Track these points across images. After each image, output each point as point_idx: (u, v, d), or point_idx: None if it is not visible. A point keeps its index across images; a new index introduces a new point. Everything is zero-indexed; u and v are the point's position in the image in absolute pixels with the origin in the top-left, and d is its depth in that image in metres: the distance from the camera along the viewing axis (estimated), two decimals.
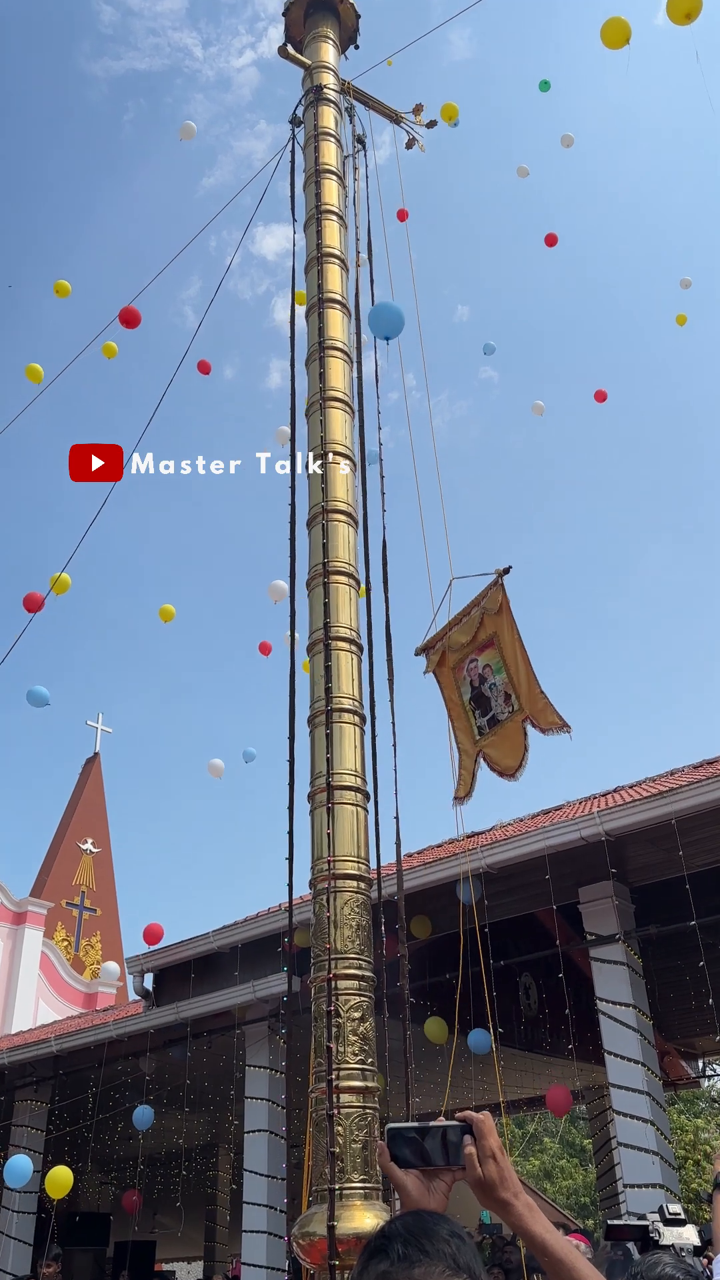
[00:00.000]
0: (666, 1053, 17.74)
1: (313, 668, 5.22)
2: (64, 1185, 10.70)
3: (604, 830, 9.61)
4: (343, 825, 4.55)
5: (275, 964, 11.90)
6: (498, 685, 6.18)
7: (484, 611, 6.17)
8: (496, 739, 6.15)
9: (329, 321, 6.09)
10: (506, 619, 6.06)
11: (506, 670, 6.11)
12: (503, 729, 6.11)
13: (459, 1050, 11.40)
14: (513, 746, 6.07)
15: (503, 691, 6.15)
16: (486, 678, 6.21)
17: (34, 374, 8.92)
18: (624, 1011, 10.35)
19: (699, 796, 9.22)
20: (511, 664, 6.06)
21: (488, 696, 6.20)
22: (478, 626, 6.20)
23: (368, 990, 4.39)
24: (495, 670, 6.18)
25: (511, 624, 6.05)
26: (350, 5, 6.75)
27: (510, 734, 6.07)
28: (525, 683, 6.01)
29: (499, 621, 6.10)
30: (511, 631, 6.04)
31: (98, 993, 25.60)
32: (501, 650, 6.10)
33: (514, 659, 6.04)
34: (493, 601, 6.14)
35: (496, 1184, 1.47)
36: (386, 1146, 1.50)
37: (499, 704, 6.16)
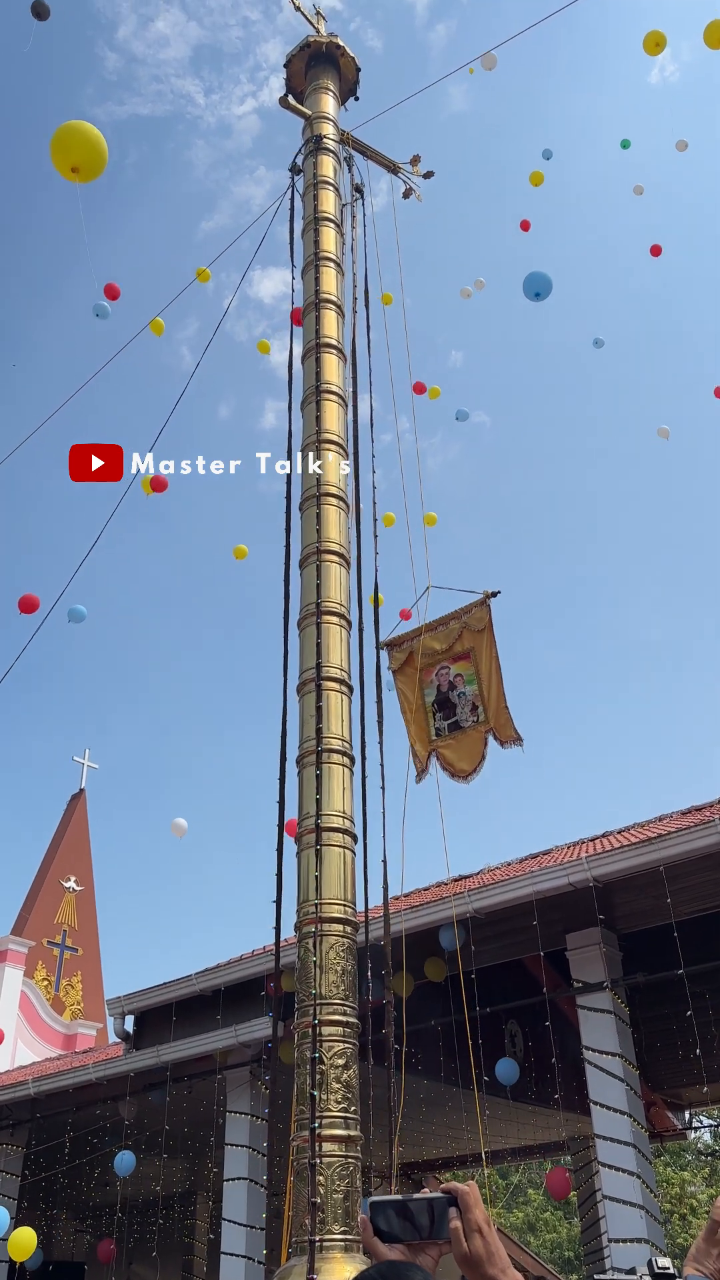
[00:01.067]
0: (653, 1103, 17.51)
1: (303, 707, 5.21)
2: (27, 1248, 10.45)
3: (592, 876, 9.55)
4: (330, 868, 4.52)
5: (259, 1008, 11.73)
6: (467, 695, 6.55)
7: (465, 626, 6.53)
8: (455, 743, 6.53)
9: (325, 365, 6.16)
10: (488, 638, 6.42)
11: (479, 684, 6.48)
12: (465, 735, 6.49)
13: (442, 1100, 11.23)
14: (471, 753, 6.48)
15: (470, 702, 6.52)
16: (457, 686, 6.56)
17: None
18: (610, 1061, 10.22)
19: (688, 844, 9.18)
20: (485, 679, 6.44)
21: (454, 703, 6.56)
22: (455, 638, 6.56)
23: (352, 1037, 4.33)
24: (467, 681, 6.54)
25: (492, 643, 6.41)
26: (351, 59, 6.90)
27: (471, 741, 6.47)
28: (495, 699, 6.42)
29: (480, 639, 6.47)
30: (491, 650, 6.40)
31: (77, 1034, 25.19)
32: (477, 665, 6.48)
33: (489, 675, 6.41)
34: (477, 620, 6.51)
35: (483, 1259, 1.41)
36: (369, 1220, 1.44)
37: (465, 712, 6.54)
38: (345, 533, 5.98)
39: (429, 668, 6.65)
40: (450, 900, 9.99)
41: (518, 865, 12.86)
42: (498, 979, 11.49)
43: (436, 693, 6.66)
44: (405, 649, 6.78)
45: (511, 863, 13.65)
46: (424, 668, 6.66)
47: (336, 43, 6.86)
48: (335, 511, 5.92)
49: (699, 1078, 15.95)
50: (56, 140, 5.89)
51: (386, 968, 4.88)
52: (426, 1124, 16.40)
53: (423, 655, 6.65)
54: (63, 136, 5.90)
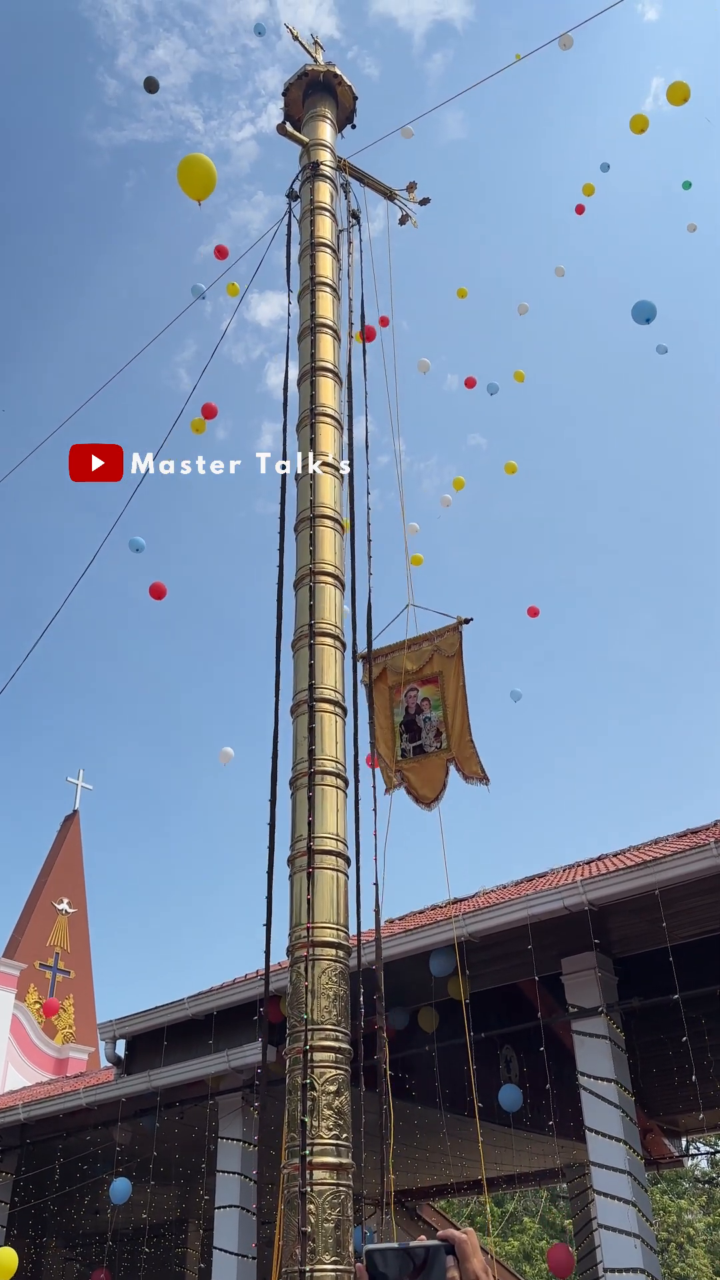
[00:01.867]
0: (649, 1130, 17.37)
1: (295, 729, 5.20)
2: (8, 1269, 10.33)
3: (588, 899, 9.51)
4: (322, 891, 4.49)
5: (251, 1033, 11.64)
6: (432, 720, 6.51)
7: (436, 650, 6.52)
8: (419, 767, 6.49)
9: (320, 389, 6.19)
10: (456, 665, 6.39)
11: (445, 711, 6.44)
12: (428, 760, 6.46)
13: (436, 1126, 11.14)
14: (433, 781, 6.44)
15: (435, 728, 6.48)
16: (424, 710, 6.52)
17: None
18: (606, 1087, 10.15)
19: (683, 867, 9.15)
20: (450, 707, 6.40)
21: (420, 727, 6.52)
22: (426, 661, 6.54)
23: (344, 1063, 4.30)
24: (433, 706, 6.51)
25: (459, 671, 6.38)
26: (348, 88, 6.98)
27: (433, 768, 6.44)
28: (459, 729, 6.37)
29: (449, 665, 6.44)
30: (458, 678, 6.37)
31: (69, 1058, 24.97)
32: (444, 692, 6.45)
33: (454, 704, 6.39)
34: (448, 645, 6.49)
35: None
36: (365, 1270, 1.40)
37: (429, 738, 6.49)
38: (339, 554, 6.00)
39: (399, 687, 6.62)
40: (444, 924, 9.94)
41: (513, 888, 12.81)
42: (492, 1004, 11.44)
43: (405, 714, 6.62)
44: (380, 663, 6.76)
45: (507, 885, 13.60)
46: (394, 686, 6.64)
47: (334, 71, 6.93)
48: (329, 533, 5.94)
49: (695, 1104, 15.83)
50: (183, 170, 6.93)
51: (379, 993, 4.84)
52: (421, 1151, 16.25)
53: (394, 673, 6.64)
54: (186, 168, 6.91)
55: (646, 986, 10.68)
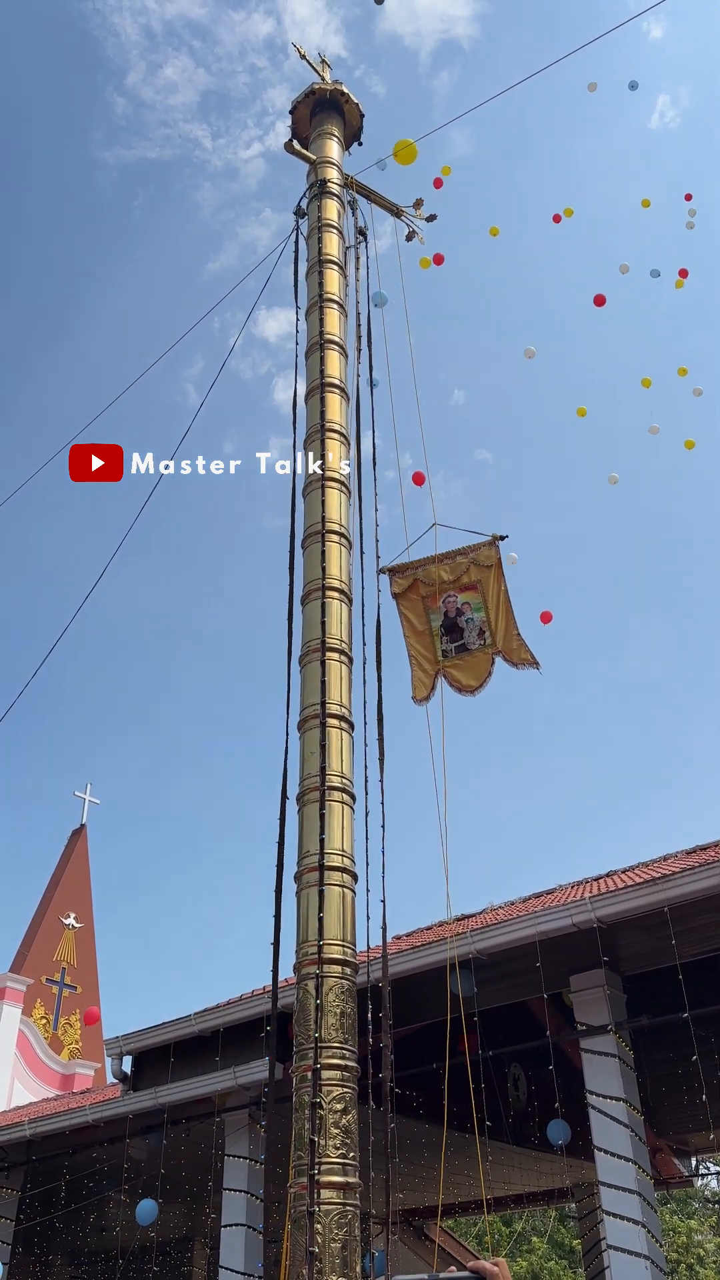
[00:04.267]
0: (658, 1149, 17.23)
1: (304, 744, 5.19)
2: None
3: (596, 916, 9.46)
4: (331, 908, 4.48)
5: (258, 1049, 11.59)
6: (474, 621, 6.83)
7: (473, 562, 6.78)
8: (463, 663, 6.79)
9: (329, 405, 6.22)
10: (496, 573, 6.73)
11: (487, 612, 6.77)
12: (472, 657, 6.77)
13: (444, 1145, 11.05)
14: (478, 671, 6.75)
15: (478, 627, 6.80)
16: (464, 612, 6.84)
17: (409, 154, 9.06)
18: (614, 1106, 10.07)
19: (693, 884, 9.11)
20: (493, 608, 6.74)
21: (462, 628, 6.84)
22: (463, 571, 6.82)
23: (351, 1081, 4.27)
24: (475, 609, 6.82)
25: (500, 578, 6.72)
26: (355, 105, 7.02)
27: (479, 662, 6.75)
28: (504, 625, 6.72)
29: (487, 574, 6.76)
30: (499, 584, 6.72)
31: (75, 1074, 24.87)
32: (485, 596, 6.77)
33: (496, 605, 6.73)
34: (486, 557, 6.77)
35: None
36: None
37: (472, 636, 6.81)
38: (347, 569, 6.01)
39: (434, 595, 6.87)
40: (452, 941, 9.90)
41: (521, 905, 12.75)
42: (500, 1021, 11.37)
43: (444, 618, 6.88)
44: (409, 575, 6.96)
45: (515, 902, 13.54)
46: (429, 595, 6.88)
47: (341, 89, 6.98)
48: (338, 548, 5.95)
49: (705, 1123, 15.71)
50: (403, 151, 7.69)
51: (384, 1010, 4.81)
52: (429, 1169, 16.14)
53: (427, 584, 6.87)
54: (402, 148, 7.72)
55: (655, 1004, 10.60)
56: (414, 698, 6.85)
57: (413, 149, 8.54)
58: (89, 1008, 26.14)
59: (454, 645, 6.88)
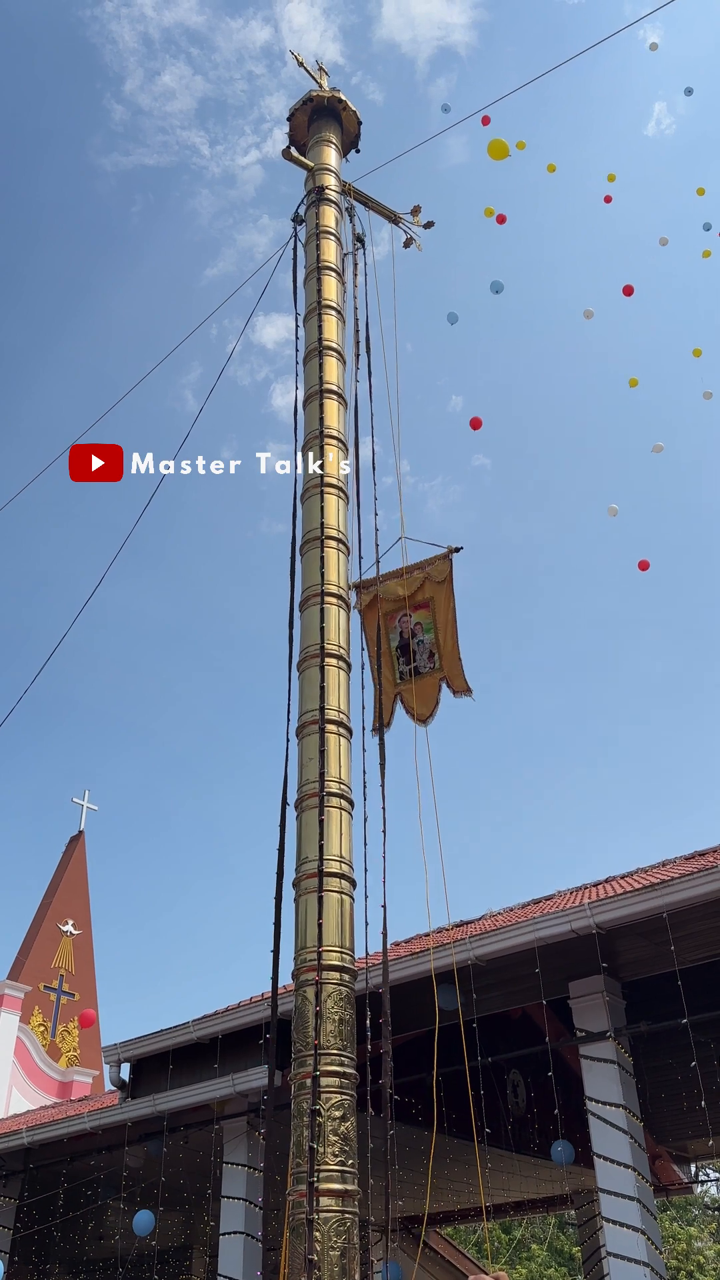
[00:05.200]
0: (658, 1156, 17.19)
1: (303, 750, 5.19)
2: None
3: (595, 922, 9.44)
4: (329, 914, 4.47)
5: (256, 1056, 11.56)
6: (425, 643, 6.88)
7: (428, 578, 6.83)
8: (415, 688, 6.83)
9: (327, 411, 6.24)
10: (446, 590, 6.75)
11: (436, 632, 6.80)
12: (422, 680, 6.81)
13: (443, 1151, 11.03)
14: (427, 698, 6.78)
15: (429, 649, 6.85)
16: (417, 634, 6.91)
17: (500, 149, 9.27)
18: (614, 1112, 10.04)
19: (692, 889, 9.09)
20: (442, 629, 6.76)
21: (414, 650, 6.90)
22: (417, 587, 6.87)
23: (350, 1088, 4.26)
24: (425, 629, 6.88)
25: (450, 595, 6.74)
26: (353, 113, 7.05)
27: (428, 687, 6.79)
28: (449, 648, 6.72)
29: (440, 590, 6.79)
30: (448, 602, 6.74)
31: (73, 1081, 24.80)
32: (435, 615, 6.81)
33: (445, 625, 6.75)
34: (439, 572, 6.79)
35: None
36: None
37: (423, 659, 6.86)
38: (345, 576, 6.02)
39: (392, 614, 6.95)
40: (451, 947, 9.88)
41: (520, 911, 12.73)
42: (499, 1027, 11.35)
43: (399, 638, 6.96)
44: (370, 592, 7.03)
45: (514, 908, 13.51)
46: (387, 613, 6.95)
47: (339, 97, 7.00)
48: (336, 554, 5.97)
49: (705, 1130, 15.65)
50: None
51: (384, 1016, 4.80)
52: (427, 1176, 16.09)
53: (387, 601, 6.93)
54: None
55: (654, 1010, 10.58)
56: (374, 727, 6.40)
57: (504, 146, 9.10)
58: (84, 1010, 26.06)
59: (408, 668, 6.87)
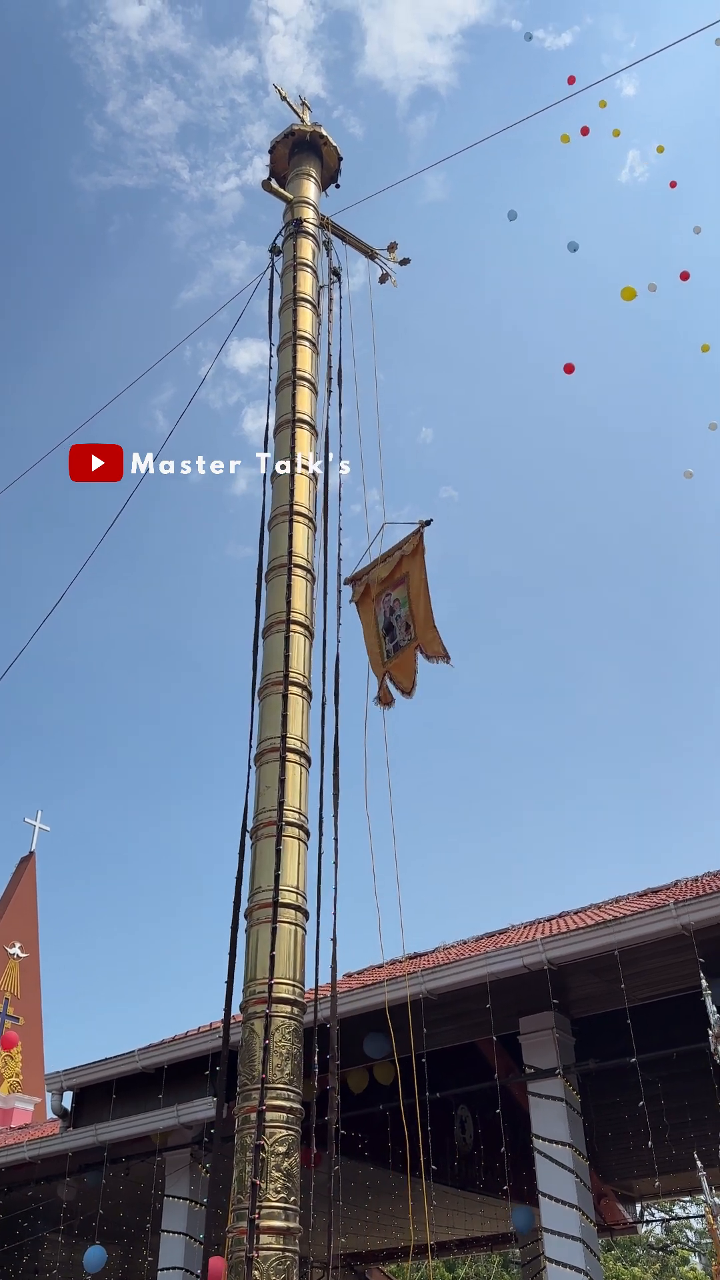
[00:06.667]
0: (603, 1195, 17.13)
1: (261, 778, 5.17)
2: None
3: (547, 958, 9.46)
4: (281, 946, 4.44)
5: (202, 1088, 11.39)
6: (401, 616, 7.03)
7: (403, 554, 6.96)
8: (398, 662, 6.97)
9: (298, 439, 6.28)
10: (419, 561, 6.86)
11: (410, 604, 6.92)
12: (402, 654, 6.95)
13: (388, 1187, 10.92)
14: (408, 670, 6.89)
15: (404, 622, 6.99)
16: (395, 610, 7.07)
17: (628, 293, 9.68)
18: (560, 1151, 10.01)
19: (643, 927, 9.13)
20: (414, 599, 6.88)
21: (394, 626, 7.06)
22: (396, 565, 7.02)
23: (295, 1123, 4.22)
24: (402, 604, 7.03)
25: (422, 565, 6.86)
26: (333, 148, 7.14)
27: (407, 659, 6.91)
28: (422, 616, 6.83)
29: (412, 562, 6.90)
30: (420, 572, 6.85)
31: (14, 1109, 24.26)
32: (409, 587, 6.92)
33: (417, 595, 6.86)
34: (410, 545, 6.92)
35: None
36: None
37: (401, 632, 7.01)
38: (311, 604, 6.03)
39: (379, 598, 7.12)
40: (403, 980, 9.83)
41: (473, 944, 12.71)
42: (448, 1062, 11.28)
43: (384, 619, 7.12)
44: (362, 582, 7.19)
45: (467, 941, 13.49)
46: (376, 598, 7.13)
47: (320, 132, 7.10)
48: (302, 582, 5.98)
49: (650, 1169, 15.65)
50: None
51: (333, 1052, 4.76)
52: (372, 1212, 15.91)
53: (374, 585, 7.10)
54: None
55: (603, 1048, 10.59)
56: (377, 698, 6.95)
57: (633, 291, 9.70)
58: (7, 1033, 25.48)
59: (392, 645, 7.05)
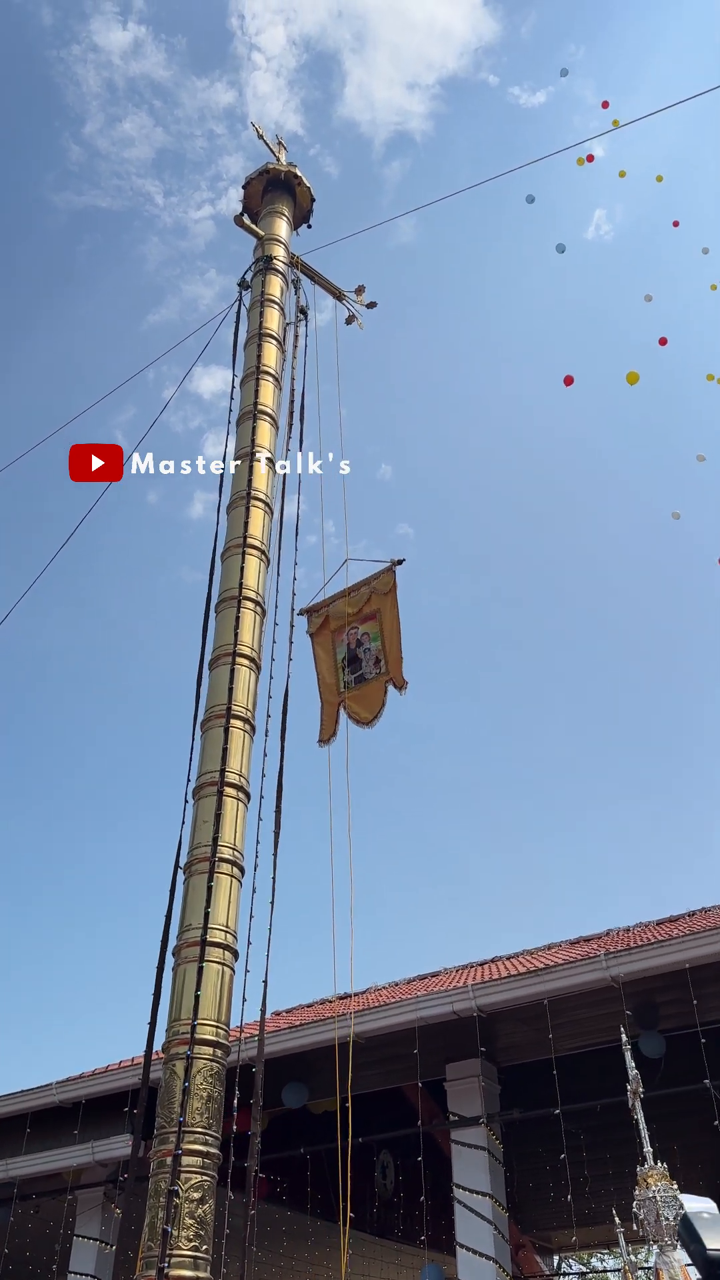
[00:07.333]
0: (522, 1245, 16.98)
1: (198, 812, 5.10)
2: None
3: (477, 1005, 9.42)
4: (208, 986, 4.36)
5: (119, 1125, 11.11)
6: (371, 650, 7.29)
7: (373, 590, 7.26)
8: (360, 694, 7.21)
9: (255, 473, 6.28)
10: (391, 599, 7.20)
11: (383, 640, 7.22)
12: (368, 686, 7.20)
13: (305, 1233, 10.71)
14: (372, 702, 7.15)
15: (375, 656, 7.25)
16: (363, 643, 7.32)
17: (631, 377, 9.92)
18: (479, 1201, 9.92)
19: (573, 977, 9.15)
20: (388, 636, 7.19)
21: (360, 658, 7.30)
22: (365, 602, 7.31)
23: (212, 1169, 4.12)
24: (373, 638, 7.30)
25: (394, 604, 7.20)
26: (307, 189, 7.22)
27: (373, 691, 7.17)
28: (395, 651, 7.14)
29: (385, 600, 7.22)
30: (393, 610, 7.18)
31: None
32: (382, 624, 7.23)
33: (391, 633, 7.18)
34: (384, 584, 7.22)
35: None
36: None
37: (369, 665, 7.25)
38: (260, 638, 6.00)
39: (340, 630, 7.36)
40: (332, 1022, 9.72)
41: (404, 986, 12.63)
42: (373, 1106, 11.16)
43: (347, 650, 7.34)
44: (321, 614, 7.43)
45: (399, 983, 13.41)
46: (336, 630, 7.38)
47: (294, 172, 7.17)
48: (251, 615, 5.95)
49: (569, 1221, 15.56)
50: None
51: (257, 1096, 4.67)
52: (287, 1258, 15.60)
53: (336, 618, 7.37)
54: None
55: (529, 1097, 10.54)
56: (319, 739, 7.18)
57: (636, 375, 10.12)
58: None
59: (354, 676, 7.26)
